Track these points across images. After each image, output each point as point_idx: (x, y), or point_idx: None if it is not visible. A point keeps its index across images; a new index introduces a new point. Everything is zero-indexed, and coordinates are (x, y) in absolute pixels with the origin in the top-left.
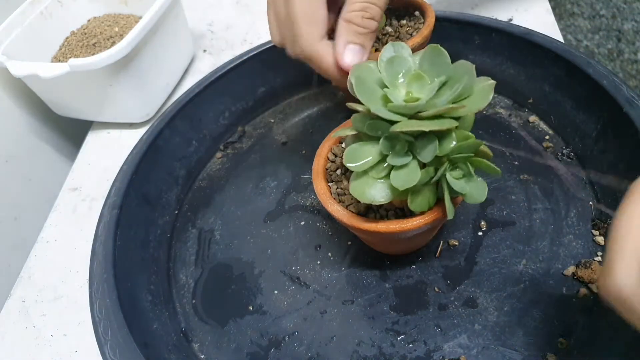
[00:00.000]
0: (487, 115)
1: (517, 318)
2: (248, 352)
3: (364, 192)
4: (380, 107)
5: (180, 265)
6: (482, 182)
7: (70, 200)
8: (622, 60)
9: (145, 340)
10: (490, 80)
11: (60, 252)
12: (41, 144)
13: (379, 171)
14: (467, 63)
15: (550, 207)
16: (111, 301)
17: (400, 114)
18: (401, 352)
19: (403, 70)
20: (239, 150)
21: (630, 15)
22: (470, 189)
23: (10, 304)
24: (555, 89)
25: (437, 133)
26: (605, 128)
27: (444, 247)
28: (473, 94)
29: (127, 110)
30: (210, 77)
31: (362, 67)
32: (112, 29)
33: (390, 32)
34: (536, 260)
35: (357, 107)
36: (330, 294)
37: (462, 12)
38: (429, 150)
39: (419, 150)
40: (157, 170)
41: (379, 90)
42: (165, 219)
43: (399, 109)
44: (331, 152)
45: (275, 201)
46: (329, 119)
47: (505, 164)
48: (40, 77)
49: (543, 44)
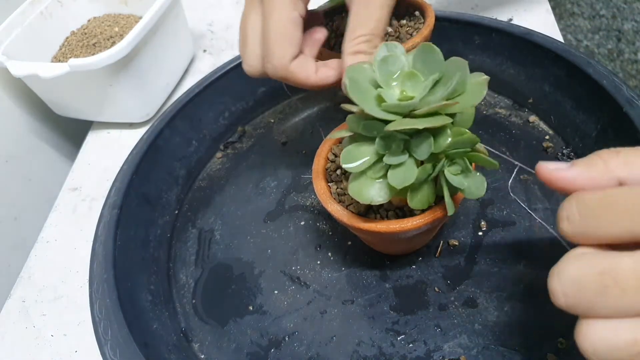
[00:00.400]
0: (487, 115)
1: (517, 318)
2: (248, 352)
3: (363, 193)
4: (374, 107)
5: (180, 265)
6: (481, 177)
7: (70, 200)
8: (622, 60)
9: (145, 340)
10: (484, 76)
11: (60, 252)
12: (41, 144)
13: (376, 171)
14: (460, 59)
15: (550, 207)
16: (111, 301)
17: (394, 113)
18: (401, 352)
19: (397, 69)
20: (239, 150)
21: (630, 15)
22: (469, 184)
23: (10, 304)
24: (555, 89)
25: (431, 130)
26: (605, 128)
27: (444, 247)
28: (467, 90)
29: (127, 110)
30: (210, 77)
31: (355, 68)
32: (112, 29)
33: (390, 32)
34: (536, 260)
35: (351, 108)
36: (330, 294)
37: (462, 12)
38: (424, 147)
39: (415, 148)
40: (157, 170)
41: (372, 91)
42: (165, 219)
43: (393, 108)
44: (331, 152)
45: (275, 201)
46: (329, 119)
47: (506, 164)
48: (40, 77)
49: (543, 44)
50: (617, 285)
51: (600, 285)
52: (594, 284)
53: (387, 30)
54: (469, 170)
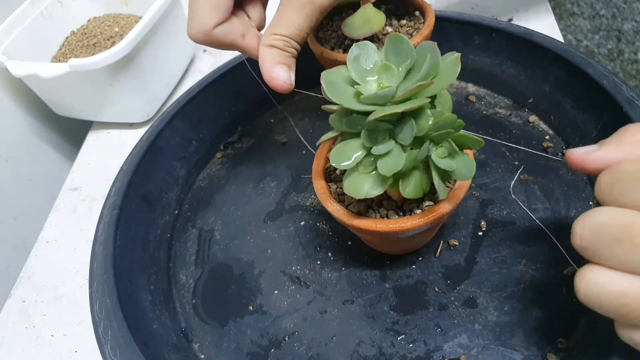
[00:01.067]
0: (487, 115)
1: (517, 318)
2: (248, 352)
3: (357, 188)
4: (353, 102)
5: (180, 265)
6: (469, 158)
7: (70, 200)
8: (622, 60)
9: (145, 340)
10: (455, 54)
11: (60, 252)
12: (41, 144)
13: (367, 165)
14: (429, 43)
15: (550, 207)
16: (111, 301)
17: (373, 105)
18: (401, 352)
19: (370, 65)
20: (239, 150)
21: (630, 15)
22: (458, 165)
23: (10, 304)
24: (555, 89)
25: (412, 114)
26: (605, 128)
27: (444, 247)
28: (441, 71)
29: (127, 110)
30: (210, 77)
31: (331, 72)
32: (112, 29)
33: (390, 32)
34: (536, 260)
35: (332, 108)
36: (330, 294)
37: (462, 12)
38: (407, 131)
39: (399, 134)
40: (157, 170)
41: (350, 89)
42: (165, 219)
43: (372, 100)
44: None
45: (275, 201)
46: (329, 119)
47: (505, 164)
48: (40, 77)
49: (543, 44)
50: (630, 241)
51: (615, 237)
52: (610, 235)
53: (386, 30)
54: (455, 152)
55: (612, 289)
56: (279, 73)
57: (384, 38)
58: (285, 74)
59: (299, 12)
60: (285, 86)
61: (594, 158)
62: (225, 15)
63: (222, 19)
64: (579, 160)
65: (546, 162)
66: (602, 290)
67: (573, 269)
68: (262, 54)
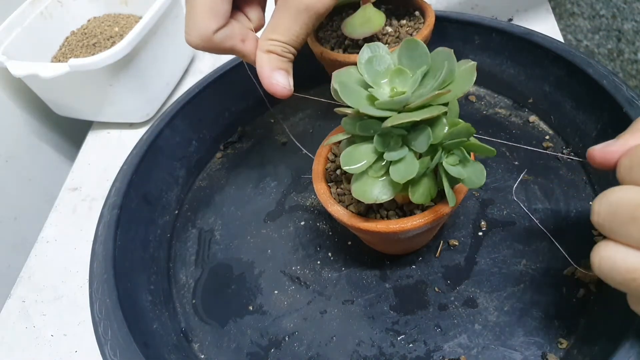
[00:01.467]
0: (487, 115)
1: (517, 318)
2: (248, 352)
3: (366, 193)
4: (368, 106)
5: (180, 265)
6: (480, 166)
7: (70, 200)
8: (622, 60)
9: (145, 340)
10: (471, 62)
11: (60, 252)
12: (41, 144)
13: (377, 170)
14: (445, 49)
15: (550, 207)
16: (111, 301)
17: (388, 110)
18: (401, 352)
19: (383, 68)
20: (239, 150)
21: (630, 15)
22: (468, 174)
23: (10, 304)
24: (555, 89)
25: (428, 122)
26: (605, 128)
27: (444, 247)
28: (456, 78)
29: (127, 110)
30: (210, 77)
31: (342, 72)
32: (112, 29)
33: (390, 32)
34: (536, 260)
35: (345, 111)
36: (330, 294)
37: (462, 12)
38: (422, 139)
39: (413, 141)
40: (157, 170)
41: (363, 91)
42: (165, 219)
43: (387, 105)
44: (331, 152)
45: (275, 201)
46: (329, 119)
47: (506, 164)
48: (40, 77)
49: (543, 44)
50: None
51: (631, 215)
52: (626, 213)
53: (387, 31)
54: (467, 160)
55: (623, 264)
56: (278, 79)
57: (384, 38)
58: (284, 79)
59: (295, 18)
60: (284, 92)
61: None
62: (224, 20)
63: (221, 24)
64: (601, 154)
65: (546, 162)
66: (614, 266)
67: (573, 268)
68: (260, 59)
